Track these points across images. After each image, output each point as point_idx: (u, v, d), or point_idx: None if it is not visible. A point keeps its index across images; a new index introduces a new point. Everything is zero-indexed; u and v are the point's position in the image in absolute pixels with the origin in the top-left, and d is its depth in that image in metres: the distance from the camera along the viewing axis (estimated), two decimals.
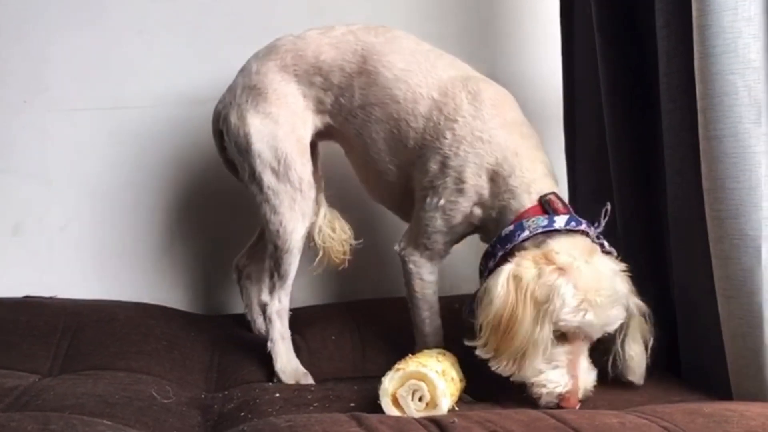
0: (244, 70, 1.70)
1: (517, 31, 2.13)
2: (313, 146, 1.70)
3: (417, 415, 1.27)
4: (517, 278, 1.37)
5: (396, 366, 1.33)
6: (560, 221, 1.44)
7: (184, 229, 2.08)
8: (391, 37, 1.63)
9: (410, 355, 1.40)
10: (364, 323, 1.77)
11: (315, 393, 1.44)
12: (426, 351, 1.45)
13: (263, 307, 1.65)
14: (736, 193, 1.34)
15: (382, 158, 1.60)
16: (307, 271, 1.78)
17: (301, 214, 1.60)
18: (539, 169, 1.50)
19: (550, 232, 1.43)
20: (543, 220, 1.44)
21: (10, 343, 1.68)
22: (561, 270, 1.37)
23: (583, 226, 1.45)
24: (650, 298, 1.50)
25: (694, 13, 1.36)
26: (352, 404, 1.35)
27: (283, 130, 1.59)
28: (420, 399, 1.30)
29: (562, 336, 1.40)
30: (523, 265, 1.38)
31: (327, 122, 1.65)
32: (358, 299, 1.99)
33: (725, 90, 1.33)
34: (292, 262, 1.62)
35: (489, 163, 1.50)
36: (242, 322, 1.89)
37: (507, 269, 1.38)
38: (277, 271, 1.63)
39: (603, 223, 1.48)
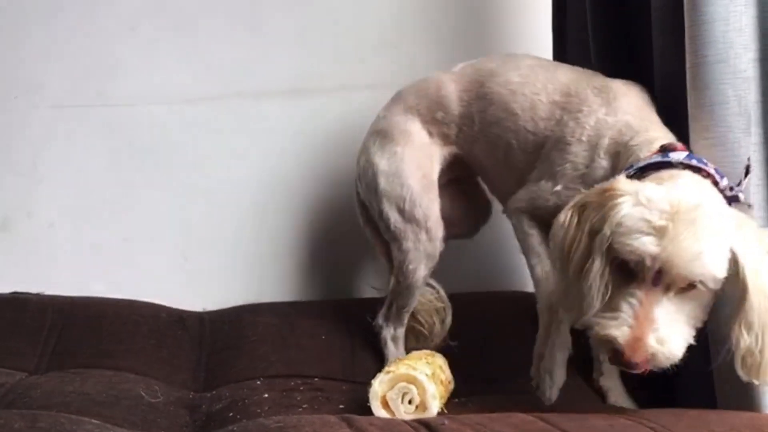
0: (374, 120, 1.74)
1: (509, 33, 2.14)
2: (449, 185, 1.69)
3: (407, 417, 1.27)
4: (581, 207, 1.22)
5: (386, 368, 1.34)
6: (678, 155, 1.24)
7: (173, 225, 2.08)
8: (508, 58, 1.63)
9: (399, 357, 1.41)
10: (356, 322, 1.77)
11: (304, 394, 1.44)
12: (415, 353, 1.46)
13: (378, 329, 1.68)
14: None
15: (506, 172, 1.58)
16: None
17: (425, 254, 1.59)
18: (662, 132, 1.37)
19: (664, 166, 1.25)
20: (657, 157, 1.27)
21: None
22: (625, 193, 1.17)
23: (709, 168, 1.23)
24: None
25: (687, 23, 1.37)
26: (341, 406, 1.35)
27: (409, 167, 1.60)
28: (410, 402, 1.30)
29: (631, 275, 1.16)
30: (590, 194, 1.23)
31: (454, 152, 1.65)
32: (350, 298, 1.99)
33: (716, 99, 1.34)
34: (411, 299, 1.64)
35: (612, 137, 1.39)
36: (230, 319, 1.88)
37: (575, 199, 1.24)
38: (396, 304, 1.66)
39: (745, 181, 1.25)
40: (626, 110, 1.42)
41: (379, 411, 1.30)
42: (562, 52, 1.90)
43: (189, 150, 2.05)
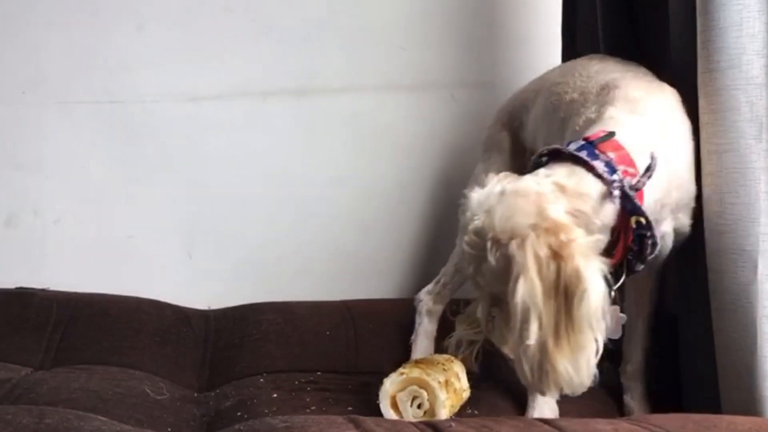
0: None
1: (519, 35, 2.13)
2: None
3: (414, 421, 1.27)
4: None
5: (400, 369, 1.33)
6: (573, 145, 1.21)
7: (178, 223, 2.08)
8: (570, 64, 1.60)
9: (416, 359, 1.40)
10: (360, 321, 1.77)
11: (313, 396, 1.44)
12: (435, 357, 1.44)
13: (418, 302, 1.68)
14: (735, 208, 1.34)
15: None
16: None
17: None
18: (623, 115, 1.30)
19: (558, 156, 1.22)
20: (567, 145, 1.23)
21: (1, 334, 1.67)
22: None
23: (596, 163, 1.18)
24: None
25: (699, 28, 1.37)
26: (349, 408, 1.35)
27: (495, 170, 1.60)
28: (419, 406, 1.30)
29: None
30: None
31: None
32: (354, 298, 1.99)
33: (728, 105, 1.33)
34: (460, 283, 1.66)
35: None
36: (235, 317, 1.88)
37: None
38: (444, 282, 1.68)
39: (644, 177, 1.21)
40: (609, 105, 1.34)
41: (387, 410, 1.30)
42: (572, 45, 1.89)
43: (195, 148, 2.05)
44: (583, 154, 1.19)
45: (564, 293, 1.10)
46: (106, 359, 1.60)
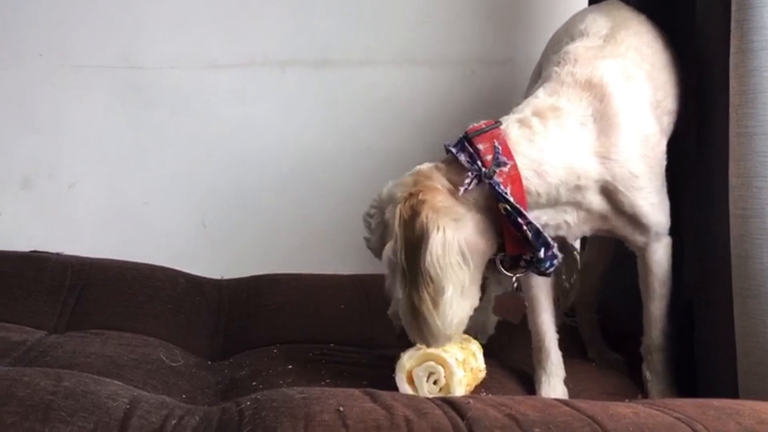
0: None
1: (543, 11, 2.10)
2: None
3: (429, 397, 1.26)
4: None
5: (418, 344, 1.32)
6: (453, 142, 1.31)
7: (194, 191, 2.07)
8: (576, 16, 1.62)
9: None
10: (374, 295, 1.76)
11: (327, 368, 1.44)
12: None
13: None
14: (762, 192, 1.32)
15: None
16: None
17: None
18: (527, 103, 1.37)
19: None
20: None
21: (16, 297, 1.67)
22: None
23: (461, 156, 1.27)
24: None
25: (733, 7, 1.34)
26: (364, 381, 1.34)
27: None
28: (435, 382, 1.29)
29: None
30: None
31: None
32: (368, 272, 1.98)
33: (761, 87, 1.30)
34: None
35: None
36: (249, 287, 1.87)
37: None
38: None
39: (492, 165, 1.27)
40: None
41: (403, 384, 1.30)
42: None
43: (213, 116, 2.04)
44: (453, 148, 1.29)
45: (415, 246, 1.22)
46: (121, 325, 1.60)
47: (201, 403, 1.26)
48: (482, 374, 1.39)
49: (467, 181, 1.26)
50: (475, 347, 1.38)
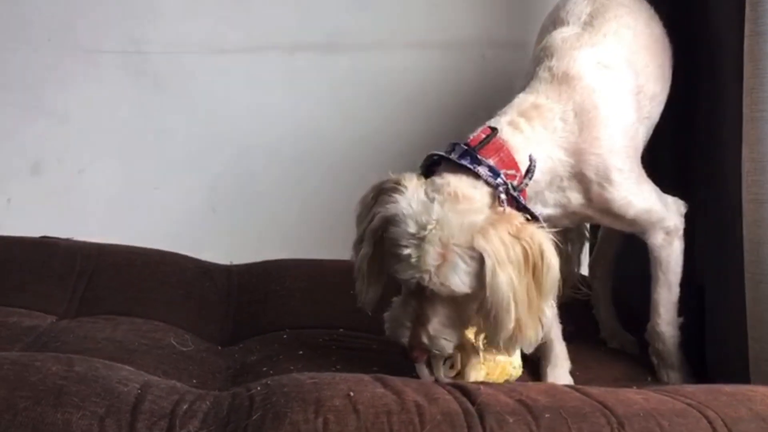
0: None
1: None
2: None
3: (444, 380, 1.27)
4: (380, 189, 1.32)
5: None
6: (456, 152, 1.26)
7: (203, 176, 2.07)
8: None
9: None
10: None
11: (338, 354, 1.44)
12: None
13: None
14: None
15: None
16: None
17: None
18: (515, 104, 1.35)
19: (443, 163, 1.29)
20: (451, 148, 1.29)
21: (26, 282, 1.68)
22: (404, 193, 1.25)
23: (480, 170, 1.24)
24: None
25: None
26: (374, 368, 1.34)
27: None
28: (451, 366, 1.29)
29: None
30: (392, 178, 1.30)
31: None
32: None
33: None
34: None
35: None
36: (258, 273, 1.87)
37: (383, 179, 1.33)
38: None
39: (525, 179, 1.27)
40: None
41: (420, 365, 1.29)
42: None
43: (222, 101, 2.04)
44: (467, 162, 1.25)
45: (533, 269, 1.21)
46: (131, 310, 1.60)
47: (212, 388, 1.26)
48: (516, 371, 1.36)
49: (503, 197, 1.24)
50: None
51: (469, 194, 1.24)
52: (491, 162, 1.25)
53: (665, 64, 1.49)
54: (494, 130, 1.30)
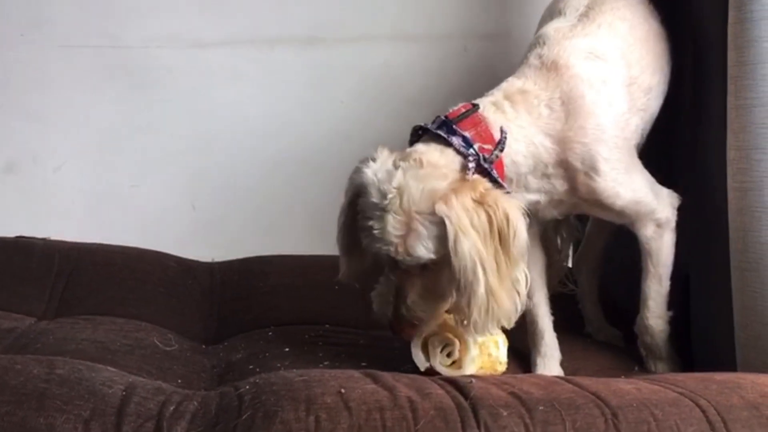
0: None
1: None
2: None
3: (439, 368, 1.27)
4: (364, 160, 1.33)
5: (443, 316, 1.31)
6: (435, 123, 1.29)
7: (182, 173, 2.04)
8: None
9: None
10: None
11: (325, 350, 1.42)
12: None
13: None
14: (761, 165, 1.31)
15: None
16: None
17: None
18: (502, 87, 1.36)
19: (426, 133, 1.30)
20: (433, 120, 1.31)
21: (3, 284, 1.65)
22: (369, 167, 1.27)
23: (453, 140, 1.25)
24: None
25: None
26: (363, 363, 1.33)
27: None
28: (448, 355, 1.29)
29: None
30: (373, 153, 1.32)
31: None
32: None
33: (759, 58, 1.29)
34: None
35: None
36: (241, 270, 1.85)
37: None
38: None
39: (496, 150, 1.27)
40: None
41: (417, 350, 1.29)
42: None
43: (200, 96, 2.01)
44: (442, 132, 1.26)
45: (498, 235, 1.21)
46: (112, 310, 1.57)
47: (197, 387, 1.25)
48: (502, 367, 1.35)
49: (471, 165, 1.24)
50: (501, 338, 1.35)
51: (434, 161, 1.24)
52: (467, 134, 1.26)
53: (663, 57, 1.49)
54: (475, 106, 1.31)
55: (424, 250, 1.22)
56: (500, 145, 1.27)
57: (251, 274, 1.80)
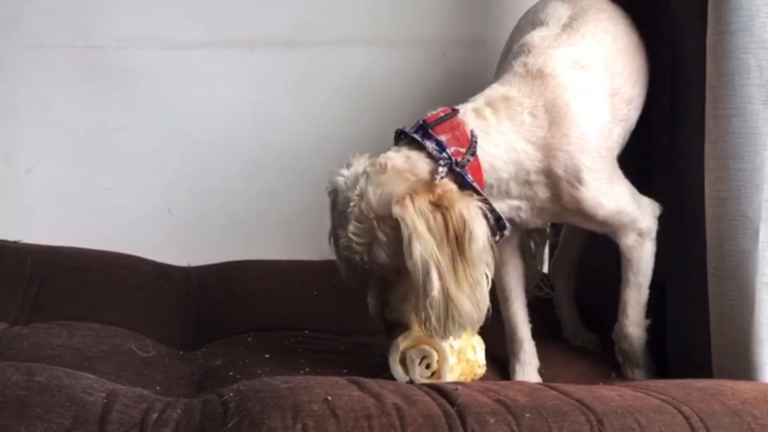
0: None
1: None
2: None
3: (419, 380, 1.26)
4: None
5: (416, 327, 1.30)
6: (413, 127, 1.29)
7: (158, 176, 2.01)
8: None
9: None
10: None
11: (306, 356, 1.41)
12: None
13: None
14: (739, 174, 1.33)
15: None
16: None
17: None
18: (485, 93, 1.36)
19: (405, 136, 1.31)
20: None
21: None
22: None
23: (427, 143, 1.26)
24: None
25: None
26: (344, 370, 1.32)
27: None
28: (427, 366, 1.28)
29: None
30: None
31: None
32: None
33: (737, 69, 1.31)
34: None
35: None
36: (218, 274, 1.83)
37: None
38: None
39: (467, 154, 1.27)
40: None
41: (395, 365, 1.28)
42: None
43: (177, 98, 1.99)
44: (418, 136, 1.27)
45: (455, 237, 1.20)
46: (87, 315, 1.55)
47: (176, 394, 1.23)
48: (481, 369, 1.35)
49: (441, 169, 1.24)
50: (477, 341, 1.35)
51: (398, 165, 1.24)
52: (442, 138, 1.26)
53: (642, 70, 1.50)
54: (455, 110, 1.31)
55: (385, 256, 1.23)
56: (471, 148, 1.26)
57: (228, 279, 1.78)
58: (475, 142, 1.27)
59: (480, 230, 1.21)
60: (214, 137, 2.01)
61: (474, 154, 1.27)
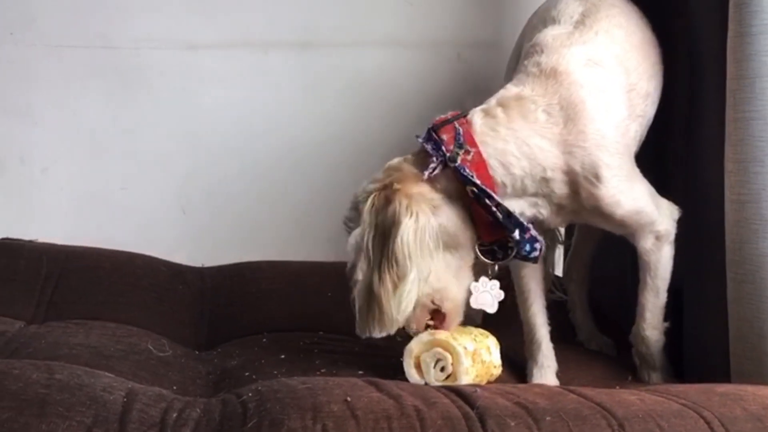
0: None
1: None
2: None
3: (435, 384, 1.25)
4: None
5: (429, 330, 1.30)
6: (425, 133, 1.30)
7: (173, 177, 2.02)
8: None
9: None
10: None
11: (321, 357, 1.41)
12: (465, 328, 1.38)
13: None
14: (759, 177, 1.32)
15: None
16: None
17: None
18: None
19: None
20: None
21: None
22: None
23: (427, 145, 1.28)
24: None
25: None
26: (360, 371, 1.32)
27: None
28: (442, 369, 1.27)
29: None
30: None
31: None
32: None
33: (758, 71, 1.30)
34: None
35: None
36: (232, 275, 1.83)
37: None
38: None
39: (454, 148, 1.26)
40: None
41: (410, 370, 1.28)
42: None
43: (192, 98, 1.99)
44: (422, 139, 1.30)
45: (385, 233, 1.23)
46: (102, 314, 1.55)
47: (193, 394, 1.23)
48: (497, 370, 1.35)
49: (432, 166, 1.26)
50: (492, 342, 1.34)
51: (394, 165, 1.30)
52: (444, 137, 1.27)
53: (657, 64, 1.49)
54: (463, 113, 1.31)
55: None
56: (457, 141, 1.26)
57: (242, 279, 1.78)
58: (459, 134, 1.26)
59: (407, 230, 1.22)
60: (229, 138, 2.01)
61: (461, 147, 1.26)
